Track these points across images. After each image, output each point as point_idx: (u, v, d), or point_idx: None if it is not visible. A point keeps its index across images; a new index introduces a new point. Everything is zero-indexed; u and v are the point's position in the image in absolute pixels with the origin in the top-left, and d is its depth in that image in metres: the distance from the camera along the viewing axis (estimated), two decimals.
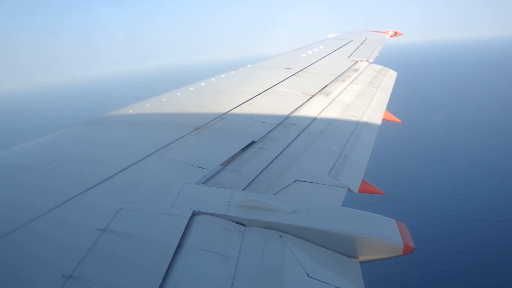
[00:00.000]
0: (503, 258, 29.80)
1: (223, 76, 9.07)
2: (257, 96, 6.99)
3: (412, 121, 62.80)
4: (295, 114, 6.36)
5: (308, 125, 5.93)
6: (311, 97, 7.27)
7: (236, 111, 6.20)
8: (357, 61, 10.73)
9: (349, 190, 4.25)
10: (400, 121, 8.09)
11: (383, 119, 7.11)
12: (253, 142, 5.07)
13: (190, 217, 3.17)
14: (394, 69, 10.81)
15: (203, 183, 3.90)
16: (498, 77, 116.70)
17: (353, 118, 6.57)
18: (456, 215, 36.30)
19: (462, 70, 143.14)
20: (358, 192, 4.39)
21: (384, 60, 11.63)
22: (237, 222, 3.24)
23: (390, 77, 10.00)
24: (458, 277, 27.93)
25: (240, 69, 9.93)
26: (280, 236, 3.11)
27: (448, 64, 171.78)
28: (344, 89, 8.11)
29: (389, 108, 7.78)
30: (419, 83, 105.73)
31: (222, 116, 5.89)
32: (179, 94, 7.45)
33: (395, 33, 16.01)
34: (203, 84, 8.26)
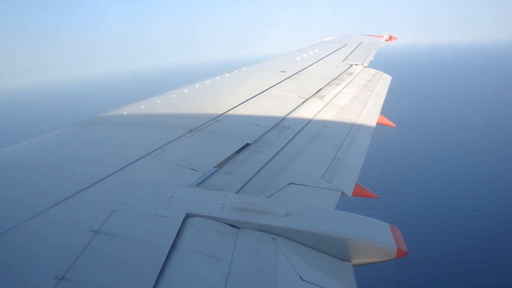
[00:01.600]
0: (500, 257, 29.98)
1: (218, 78, 9.08)
2: (252, 99, 7.00)
3: (406, 125, 63.06)
4: (289, 117, 6.37)
5: (303, 128, 5.95)
6: (305, 100, 7.29)
7: (231, 113, 6.20)
8: (352, 65, 10.77)
9: (342, 193, 4.27)
10: (394, 125, 8.13)
11: (377, 123, 7.15)
12: (247, 145, 5.08)
13: (184, 219, 3.17)
14: (389, 73, 10.87)
15: (196, 185, 3.89)
16: (494, 80, 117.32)
17: (347, 122, 6.60)
18: (450, 218, 36.44)
19: (456, 73, 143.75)
20: (352, 195, 4.41)
21: (379, 64, 11.70)
22: (230, 225, 3.24)
23: (384, 81, 10.05)
24: (452, 279, 28.09)
25: (235, 71, 9.94)
26: (273, 239, 3.12)
27: (443, 67, 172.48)
28: (339, 92, 8.14)
29: (383, 112, 7.82)
30: (414, 87, 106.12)
31: (216, 119, 5.89)
32: (173, 96, 7.45)
33: (390, 37, 16.11)
34: (197, 86, 8.27)
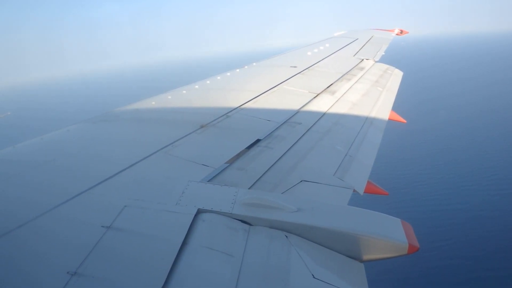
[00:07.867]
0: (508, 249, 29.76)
1: (228, 74, 9.08)
2: (263, 94, 6.98)
3: (417, 121, 62.37)
4: (300, 112, 6.34)
5: (314, 124, 5.92)
6: (316, 96, 7.25)
7: (242, 109, 6.19)
8: (362, 60, 10.68)
9: (354, 191, 4.25)
10: (405, 121, 8.05)
11: (389, 119, 7.09)
12: (258, 141, 5.07)
13: (195, 215, 3.18)
14: (400, 68, 10.75)
15: (208, 181, 3.90)
16: (504, 70, 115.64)
17: (358, 118, 6.55)
18: (462, 216, 36.06)
19: (466, 62, 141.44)
20: (363, 192, 4.39)
21: (390, 58, 11.58)
22: (241, 221, 3.24)
23: (396, 76, 9.96)
24: (460, 275, 27.92)
25: (246, 67, 9.93)
26: (286, 236, 3.11)
27: (454, 57, 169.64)
28: (350, 88, 8.08)
29: (395, 107, 7.75)
30: (426, 82, 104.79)
31: (227, 114, 5.89)
32: (184, 92, 7.46)
33: (401, 31, 15.93)
34: (208, 82, 8.27)
